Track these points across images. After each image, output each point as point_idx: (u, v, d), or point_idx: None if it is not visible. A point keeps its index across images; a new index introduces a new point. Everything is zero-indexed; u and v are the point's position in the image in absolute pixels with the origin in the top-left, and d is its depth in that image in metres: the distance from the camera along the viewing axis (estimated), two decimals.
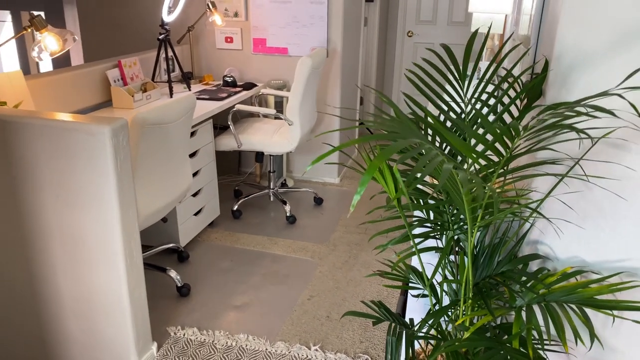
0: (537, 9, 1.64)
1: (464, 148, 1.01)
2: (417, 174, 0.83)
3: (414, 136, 0.90)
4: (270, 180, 3.57)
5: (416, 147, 0.86)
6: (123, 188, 1.87)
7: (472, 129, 1.15)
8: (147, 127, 2.15)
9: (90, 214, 1.89)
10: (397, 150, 0.79)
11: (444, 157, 0.87)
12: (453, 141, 1.00)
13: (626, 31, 1.15)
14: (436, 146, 0.94)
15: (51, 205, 1.92)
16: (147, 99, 3.16)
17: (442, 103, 1.33)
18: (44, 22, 2.19)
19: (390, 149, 0.79)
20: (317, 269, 2.84)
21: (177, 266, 2.85)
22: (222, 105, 3.17)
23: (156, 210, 2.34)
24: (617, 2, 1.16)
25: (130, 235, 1.95)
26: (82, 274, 1.99)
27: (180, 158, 2.48)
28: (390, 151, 0.78)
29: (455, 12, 5.63)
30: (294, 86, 3.07)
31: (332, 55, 3.76)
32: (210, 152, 3.16)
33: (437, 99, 1.36)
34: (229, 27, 3.86)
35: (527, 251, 1.52)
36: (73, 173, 1.85)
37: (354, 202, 0.80)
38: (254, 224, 3.36)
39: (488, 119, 1.37)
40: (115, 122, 1.79)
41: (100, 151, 1.79)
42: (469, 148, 1.02)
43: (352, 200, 0.75)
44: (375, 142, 4.82)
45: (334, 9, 3.64)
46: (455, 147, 1.04)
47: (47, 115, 1.83)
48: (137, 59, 3.24)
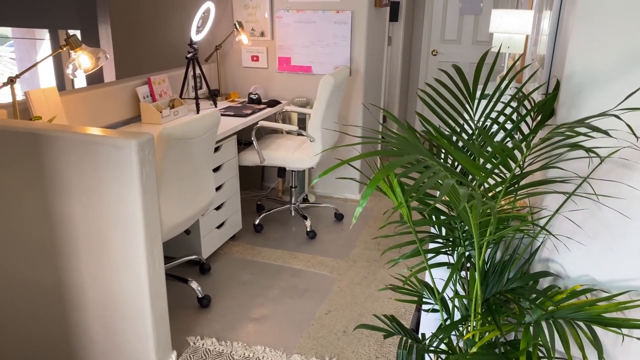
0: (552, 30, 1.67)
1: (470, 165, 1.05)
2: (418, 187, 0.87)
3: (418, 152, 0.94)
4: (291, 195, 3.63)
5: (420, 162, 0.90)
6: (147, 200, 1.95)
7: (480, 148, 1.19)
8: (172, 142, 2.23)
9: (115, 223, 1.97)
10: (400, 164, 0.84)
11: (448, 173, 0.91)
12: (460, 159, 1.04)
13: (634, 53, 1.18)
14: (441, 162, 0.98)
15: (80, 215, 2.01)
16: (175, 115, 3.27)
17: (453, 122, 1.37)
18: (79, 42, 2.31)
19: (393, 164, 0.83)
20: (335, 284, 2.87)
21: (198, 278, 2.92)
22: (246, 121, 3.26)
23: (180, 223, 2.41)
24: (625, 25, 1.19)
25: (153, 245, 2.02)
26: (107, 281, 2.07)
27: (204, 172, 2.55)
28: (393, 166, 0.82)
29: (480, 32, 5.66)
30: (316, 103, 3.14)
31: (355, 74, 3.83)
32: (234, 167, 3.24)
33: (449, 118, 1.39)
34: (255, 46, 3.97)
35: (538, 268, 1.53)
36: (101, 184, 1.94)
37: (356, 214, 0.84)
38: (274, 238, 3.41)
39: (495, 137, 1.40)
40: (142, 137, 1.88)
41: (126, 164, 1.88)
42: (475, 166, 1.05)
43: (355, 212, 0.78)
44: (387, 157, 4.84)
45: (358, 28, 3.71)
46: (463, 165, 1.08)
47: (78, 129, 1.93)
48: (166, 76, 3.36)
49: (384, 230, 3.54)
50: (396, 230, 2.96)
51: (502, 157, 1.06)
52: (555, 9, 1.64)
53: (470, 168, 1.05)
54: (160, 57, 3.57)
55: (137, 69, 3.42)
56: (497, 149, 1.06)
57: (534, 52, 2.47)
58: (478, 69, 1.30)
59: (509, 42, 2.77)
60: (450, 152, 1.02)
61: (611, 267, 1.26)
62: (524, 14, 2.68)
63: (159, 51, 3.53)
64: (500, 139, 1.36)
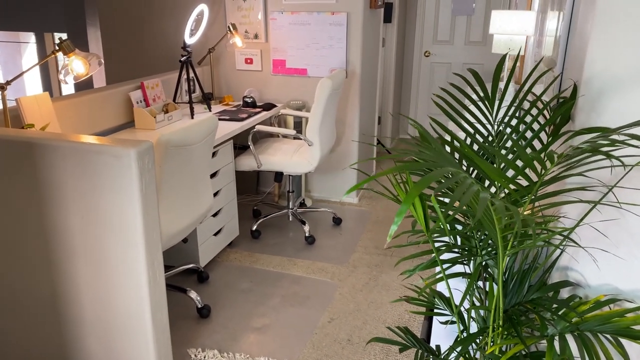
0: (564, 31, 1.64)
1: (495, 175, 1.00)
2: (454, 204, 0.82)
3: (450, 165, 0.90)
4: (289, 200, 3.57)
5: (452, 176, 0.85)
6: (148, 210, 1.88)
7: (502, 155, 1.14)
8: (171, 149, 2.17)
9: (114, 235, 1.90)
10: (434, 180, 0.79)
11: (480, 186, 0.86)
12: (485, 168, 0.99)
13: None
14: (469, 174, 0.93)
15: (76, 226, 1.94)
16: (169, 120, 3.20)
17: (472, 128, 1.32)
18: (72, 46, 2.24)
19: (427, 179, 0.78)
20: (337, 290, 2.82)
21: (196, 287, 2.85)
22: (243, 125, 3.20)
23: (179, 231, 2.35)
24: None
25: (153, 256, 1.96)
26: (105, 295, 2.00)
27: (202, 179, 2.49)
28: (427, 181, 0.77)
29: (473, 32, 5.65)
30: (314, 107, 3.08)
31: (351, 77, 3.78)
32: (230, 173, 3.18)
33: (465, 124, 1.35)
34: (249, 49, 3.91)
35: (556, 277, 1.49)
36: (98, 195, 1.87)
37: (391, 232, 0.79)
38: (272, 244, 3.35)
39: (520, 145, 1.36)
40: (141, 145, 1.81)
41: (125, 173, 1.81)
42: (500, 175, 1.01)
43: (389, 231, 0.74)
44: (396, 165, 4.80)
45: (353, 30, 3.67)
46: (486, 174, 1.03)
47: (74, 138, 1.86)
48: (159, 81, 3.29)
49: (395, 240, 3.50)
50: (409, 240, 2.91)
51: (530, 165, 1.02)
52: (568, 9, 1.61)
53: (495, 176, 1.00)
54: (153, 61, 3.49)
55: (129, 73, 3.34)
56: (527, 158, 1.01)
57: (537, 53, 2.44)
58: (497, 73, 1.25)
59: (509, 43, 2.74)
60: (475, 161, 0.97)
61: (636, 276, 1.23)
62: (525, 15, 2.65)
63: (151, 55, 3.46)
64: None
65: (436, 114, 6.00)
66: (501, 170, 0.99)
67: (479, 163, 0.99)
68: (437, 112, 5.99)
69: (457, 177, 0.85)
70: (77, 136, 1.89)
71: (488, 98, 1.28)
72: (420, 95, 6.00)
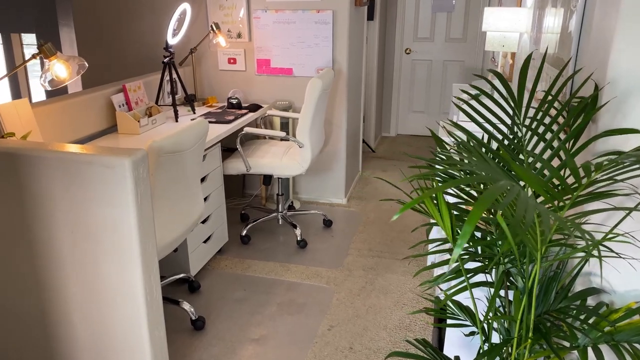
0: (575, 29, 1.59)
1: (536, 185, 0.94)
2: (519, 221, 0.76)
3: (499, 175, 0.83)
4: (278, 203, 3.48)
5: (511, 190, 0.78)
6: (144, 222, 1.77)
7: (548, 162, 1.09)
8: (163, 156, 2.06)
9: (108, 249, 1.79)
10: (495, 197, 0.72)
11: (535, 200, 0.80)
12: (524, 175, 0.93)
13: None
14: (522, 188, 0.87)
15: (66, 241, 1.82)
16: (153, 124, 3.08)
17: (500, 134, 1.27)
18: (53, 49, 2.11)
19: (488, 197, 0.71)
20: (334, 296, 2.75)
21: (188, 297, 2.74)
22: (230, 128, 3.10)
23: (172, 241, 2.24)
24: None
25: (150, 271, 1.85)
26: (99, 313, 1.88)
27: (194, 185, 2.39)
28: (489, 200, 0.71)
29: (453, 29, 5.64)
30: (304, 108, 3.00)
31: (338, 76, 3.71)
32: (219, 177, 3.07)
33: (489, 125, 1.29)
34: (232, 49, 3.80)
35: (579, 284, 1.45)
36: (90, 207, 1.75)
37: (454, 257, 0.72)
38: (263, 249, 3.26)
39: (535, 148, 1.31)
40: (136, 154, 1.71)
41: (119, 184, 1.70)
42: (542, 184, 0.95)
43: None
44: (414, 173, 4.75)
45: (339, 29, 3.59)
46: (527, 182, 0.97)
47: (62, 148, 1.74)
48: (141, 83, 3.16)
49: (409, 247, 3.44)
50: (426, 249, 2.85)
51: (561, 182, 0.96)
52: (580, 5, 1.57)
53: (536, 186, 0.95)
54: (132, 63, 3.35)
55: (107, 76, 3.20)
56: (557, 174, 0.96)
57: (534, 50, 2.41)
58: (523, 74, 1.20)
59: (503, 40, 2.71)
60: (515, 169, 0.91)
61: None
62: (519, 11, 2.62)
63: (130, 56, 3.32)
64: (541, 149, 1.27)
65: (418, 111, 5.98)
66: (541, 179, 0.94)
67: (518, 170, 0.93)
68: (419, 109, 5.97)
69: (514, 191, 0.78)
70: (65, 146, 1.77)
71: (515, 100, 1.22)
72: (401, 92, 5.97)
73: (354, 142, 4.26)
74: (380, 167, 4.89)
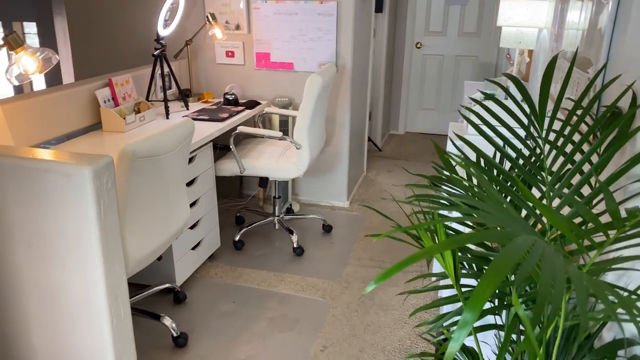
0: (607, 25, 1.36)
1: (565, 228, 0.72)
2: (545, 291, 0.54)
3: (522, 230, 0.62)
4: (275, 206, 3.28)
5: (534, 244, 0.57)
6: (108, 238, 1.58)
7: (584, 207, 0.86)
8: (138, 161, 1.86)
9: (69, 267, 1.59)
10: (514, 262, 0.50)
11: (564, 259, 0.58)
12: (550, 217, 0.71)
13: None
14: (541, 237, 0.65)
15: (23, 256, 1.62)
16: (141, 121, 2.88)
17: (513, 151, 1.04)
18: (20, 40, 1.90)
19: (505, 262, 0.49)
20: (329, 311, 2.54)
21: (172, 309, 2.55)
22: (223, 127, 2.89)
23: (150, 253, 2.04)
24: None
25: (116, 291, 1.65)
26: (62, 336, 1.69)
27: (176, 191, 2.18)
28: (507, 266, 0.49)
29: (467, 23, 5.37)
30: (303, 106, 2.79)
31: (341, 71, 3.48)
32: (210, 179, 2.87)
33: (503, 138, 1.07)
34: (230, 41, 3.58)
35: (607, 330, 1.23)
36: (48, 220, 1.56)
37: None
38: (257, 256, 3.06)
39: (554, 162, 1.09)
40: (98, 162, 1.50)
41: (79, 196, 1.50)
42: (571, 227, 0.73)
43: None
44: None
45: (344, 21, 3.36)
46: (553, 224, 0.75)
47: (16, 152, 1.54)
48: (129, 77, 2.96)
49: (407, 282, 3.23)
50: (425, 285, 2.63)
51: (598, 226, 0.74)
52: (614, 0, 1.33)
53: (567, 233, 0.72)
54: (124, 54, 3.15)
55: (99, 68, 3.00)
56: (591, 216, 0.73)
57: (554, 48, 2.17)
58: (546, 80, 0.97)
59: (520, 36, 2.47)
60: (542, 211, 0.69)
61: None
62: (537, 5, 2.38)
63: (122, 47, 3.12)
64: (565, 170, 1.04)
65: (428, 108, 5.74)
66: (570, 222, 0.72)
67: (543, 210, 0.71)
68: (429, 106, 5.73)
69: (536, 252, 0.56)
70: (21, 150, 1.57)
71: (535, 110, 0.99)
72: (411, 88, 5.72)
73: (358, 141, 4.03)
74: (386, 167, 4.66)
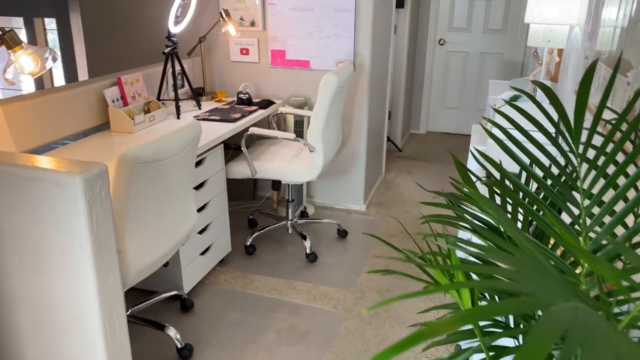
0: None
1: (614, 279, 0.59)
2: None
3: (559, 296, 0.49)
4: (288, 210, 3.16)
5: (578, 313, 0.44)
6: (101, 250, 1.48)
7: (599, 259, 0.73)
8: (139, 166, 1.76)
9: (60, 280, 1.50)
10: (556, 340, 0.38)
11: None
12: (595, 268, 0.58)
13: None
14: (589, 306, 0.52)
15: (15, 269, 1.54)
16: (150, 121, 2.79)
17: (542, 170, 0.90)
18: (17, 39, 1.82)
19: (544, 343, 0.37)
20: (342, 323, 2.42)
21: (179, 318, 2.46)
22: (234, 128, 2.78)
23: (153, 262, 1.95)
24: None
25: (111, 306, 1.56)
26: (55, 352, 1.61)
27: (181, 197, 2.08)
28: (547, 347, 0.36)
29: (492, 19, 5.17)
30: (317, 107, 2.66)
31: (359, 70, 3.34)
32: (221, 181, 2.77)
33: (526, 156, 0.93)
34: (244, 38, 3.47)
35: None
36: (38, 231, 1.47)
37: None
38: (269, 261, 2.95)
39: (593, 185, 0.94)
40: (90, 170, 1.41)
41: (69, 206, 1.40)
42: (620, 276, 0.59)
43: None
44: None
45: (362, 17, 3.22)
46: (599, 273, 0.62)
47: (5, 159, 1.45)
48: (139, 75, 2.87)
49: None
50: (441, 315, 2.49)
51: None
52: None
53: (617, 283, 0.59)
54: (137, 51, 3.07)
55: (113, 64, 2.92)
56: None
57: (587, 47, 2.00)
58: (584, 88, 0.83)
59: (549, 34, 2.30)
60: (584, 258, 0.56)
61: None
62: (568, 1, 2.21)
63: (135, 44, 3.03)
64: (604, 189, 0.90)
65: (451, 107, 5.55)
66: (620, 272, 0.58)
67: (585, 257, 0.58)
68: (452, 104, 5.55)
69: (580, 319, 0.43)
70: (11, 156, 1.48)
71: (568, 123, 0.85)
72: (433, 86, 5.55)
73: (376, 142, 3.89)
74: (406, 168, 4.51)
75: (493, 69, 5.30)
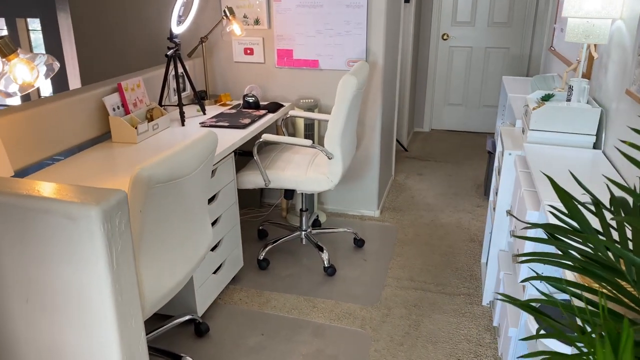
0: None
1: None
2: None
3: None
4: (302, 220, 2.97)
5: None
6: (122, 291, 1.28)
7: None
8: (155, 187, 1.56)
9: (73, 326, 1.31)
10: None
11: None
12: None
13: None
14: None
15: (19, 312, 1.34)
16: (154, 129, 2.58)
17: None
18: (12, 46, 1.61)
19: None
20: (371, 346, 2.24)
21: (194, 344, 2.27)
22: (246, 135, 2.59)
23: (169, 291, 1.75)
24: None
25: (133, 350, 1.36)
26: None
27: (198, 215, 1.89)
28: None
29: (497, 12, 5.02)
30: (335, 111, 2.47)
31: (372, 69, 3.16)
32: (232, 193, 2.57)
33: None
34: (248, 37, 3.27)
35: None
36: (48, 270, 1.26)
37: None
38: (284, 276, 2.77)
39: None
40: (108, 199, 1.21)
41: (84, 243, 1.20)
42: None
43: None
44: None
45: (375, 13, 3.03)
46: None
47: (9, 188, 1.24)
48: (140, 80, 2.66)
49: None
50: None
51: None
52: None
53: None
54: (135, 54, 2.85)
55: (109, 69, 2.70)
56: None
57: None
58: None
59: (589, 29, 2.13)
60: None
61: None
62: None
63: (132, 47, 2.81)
64: None
65: (455, 104, 5.40)
66: None
67: None
68: (456, 101, 5.39)
69: None
70: (14, 183, 1.27)
71: None
72: (437, 83, 5.38)
73: (387, 144, 3.72)
74: (416, 169, 4.34)
75: (499, 63, 5.14)
